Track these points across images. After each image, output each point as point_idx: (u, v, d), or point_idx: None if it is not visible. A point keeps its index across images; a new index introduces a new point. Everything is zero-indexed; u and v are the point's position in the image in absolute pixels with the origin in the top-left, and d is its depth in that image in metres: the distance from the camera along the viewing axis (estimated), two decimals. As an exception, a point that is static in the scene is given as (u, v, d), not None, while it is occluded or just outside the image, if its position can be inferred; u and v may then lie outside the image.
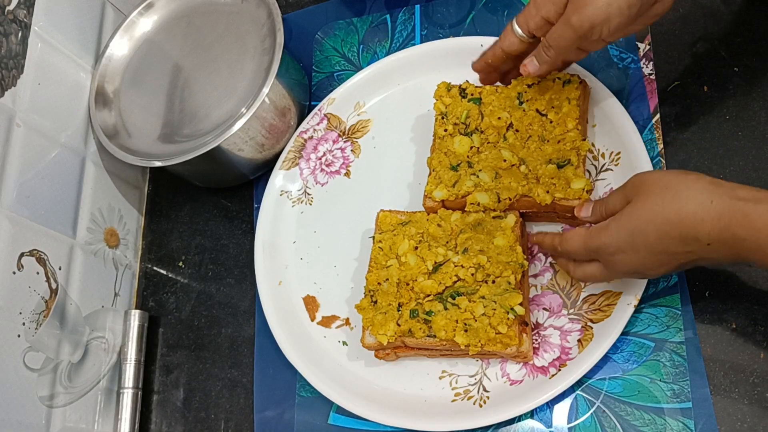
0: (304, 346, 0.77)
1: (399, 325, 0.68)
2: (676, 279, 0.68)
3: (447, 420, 0.69)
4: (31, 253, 0.75)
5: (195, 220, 0.92)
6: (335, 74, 0.91)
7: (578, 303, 0.70)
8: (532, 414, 0.68)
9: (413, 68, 0.86)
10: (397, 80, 0.86)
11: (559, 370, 0.68)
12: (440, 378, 0.72)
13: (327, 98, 0.87)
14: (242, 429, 0.79)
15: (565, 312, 0.70)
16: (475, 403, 0.69)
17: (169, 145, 0.83)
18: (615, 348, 0.67)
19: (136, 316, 0.85)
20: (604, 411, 0.67)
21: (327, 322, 0.79)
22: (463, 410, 0.69)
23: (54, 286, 0.77)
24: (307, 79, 0.91)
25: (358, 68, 0.90)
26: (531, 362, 0.69)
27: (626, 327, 0.67)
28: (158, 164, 0.82)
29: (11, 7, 0.76)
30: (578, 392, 0.68)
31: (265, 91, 0.80)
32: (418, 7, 0.91)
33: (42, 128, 0.79)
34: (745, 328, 0.65)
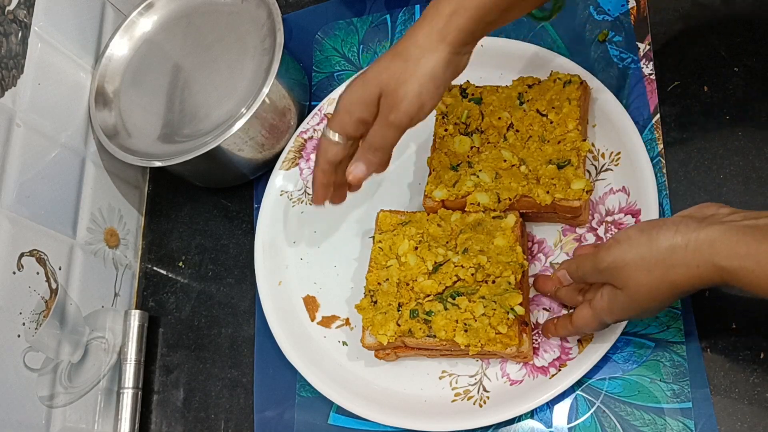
0: (304, 346, 0.77)
1: (399, 325, 0.68)
2: (676, 279, 0.68)
3: (447, 420, 0.69)
4: (31, 253, 0.75)
5: (195, 220, 0.92)
6: (335, 74, 0.91)
7: (578, 303, 0.70)
8: (532, 414, 0.68)
9: (413, 68, 0.86)
10: (397, 80, 0.86)
11: (559, 370, 0.68)
12: (440, 378, 0.72)
13: (327, 98, 0.87)
14: (242, 429, 0.79)
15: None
16: (475, 403, 0.69)
17: (169, 145, 0.83)
18: (615, 348, 0.67)
19: (136, 316, 0.85)
20: (604, 411, 0.67)
21: (327, 322, 0.79)
22: (463, 410, 0.69)
23: (54, 286, 0.77)
24: (307, 79, 0.91)
25: (358, 68, 0.90)
26: (531, 362, 0.69)
27: (626, 327, 0.67)
28: (158, 164, 0.82)
29: (11, 7, 0.76)
30: (578, 392, 0.68)
31: (265, 91, 0.80)
32: (418, 7, 0.91)
33: (42, 128, 0.79)
34: (745, 328, 0.65)
